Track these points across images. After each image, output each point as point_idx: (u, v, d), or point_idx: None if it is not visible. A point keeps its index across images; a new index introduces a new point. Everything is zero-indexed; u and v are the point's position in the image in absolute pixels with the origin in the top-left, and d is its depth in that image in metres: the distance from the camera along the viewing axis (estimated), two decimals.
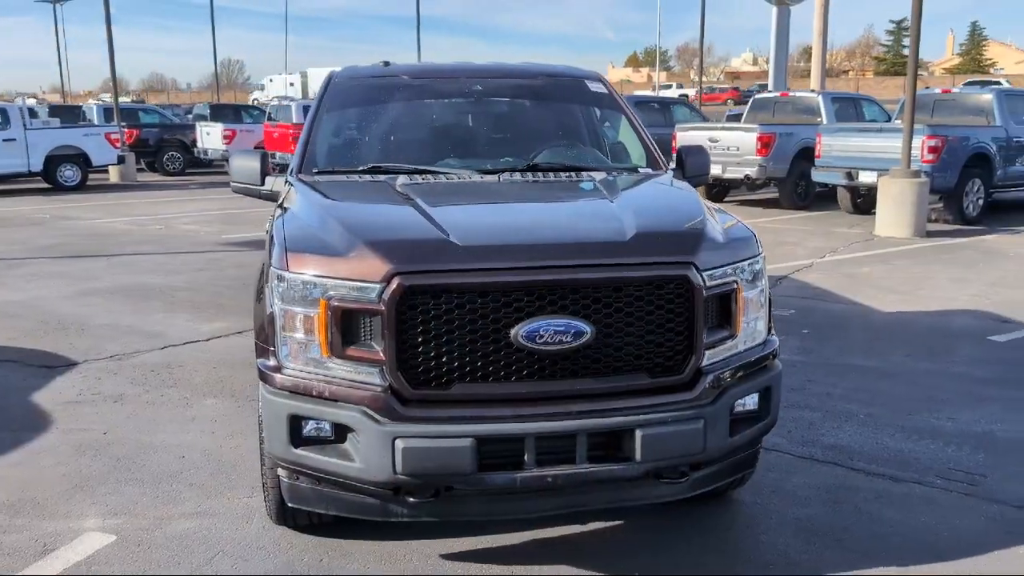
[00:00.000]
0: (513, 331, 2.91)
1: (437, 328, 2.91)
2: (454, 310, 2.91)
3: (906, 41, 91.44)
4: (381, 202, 3.66)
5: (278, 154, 20.71)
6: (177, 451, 4.51)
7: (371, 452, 2.92)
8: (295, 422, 3.05)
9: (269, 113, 22.58)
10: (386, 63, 4.80)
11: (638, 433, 2.97)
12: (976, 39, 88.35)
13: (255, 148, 20.96)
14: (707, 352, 3.12)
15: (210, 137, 22.07)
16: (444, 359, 2.93)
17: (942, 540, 3.55)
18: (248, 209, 15.66)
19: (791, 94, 17.10)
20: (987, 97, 13.82)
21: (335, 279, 2.97)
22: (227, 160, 21.53)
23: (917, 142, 11.95)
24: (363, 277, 2.93)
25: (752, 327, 3.32)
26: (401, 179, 3.92)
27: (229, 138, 21.38)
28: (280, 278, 3.09)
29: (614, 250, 3.04)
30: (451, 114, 4.74)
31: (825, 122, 14.93)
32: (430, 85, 4.74)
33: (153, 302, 8.05)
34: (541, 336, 2.91)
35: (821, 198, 15.22)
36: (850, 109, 15.85)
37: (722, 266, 3.16)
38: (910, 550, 3.47)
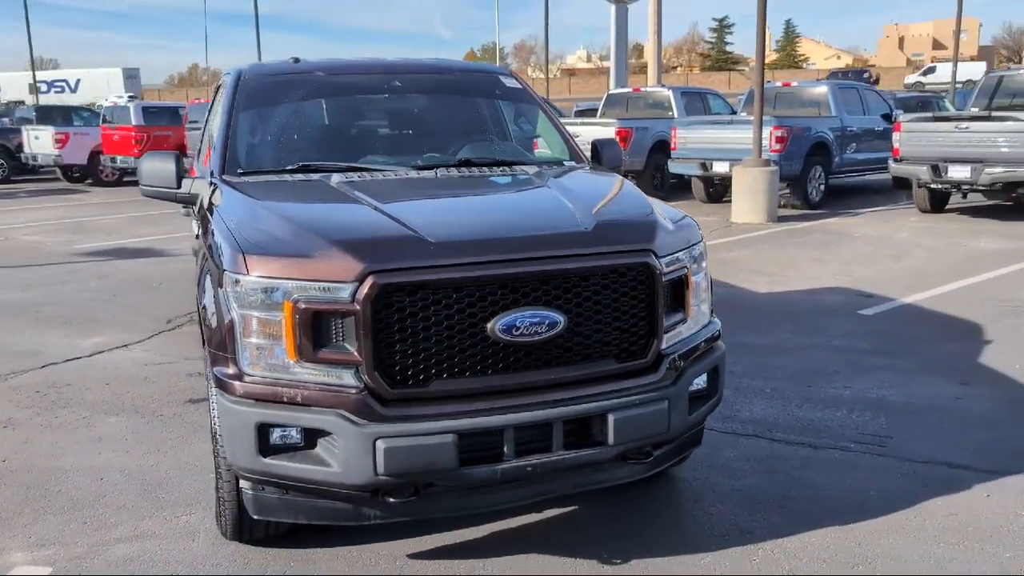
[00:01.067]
0: (490, 324, 2.93)
1: (414, 326, 2.89)
2: (430, 306, 2.90)
3: (728, 38, 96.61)
4: (329, 200, 3.58)
5: (119, 158, 19.64)
6: (92, 473, 4.25)
7: (350, 455, 2.86)
8: (263, 431, 2.95)
9: (104, 115, 21.34)
10: (296, 59, 4.68)
11: (610, 417, 3.06)
12: (790, 36, 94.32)
13: (94, 152, 19.83)
14: (665, 336, 3.24)
15: (39, 141, 20.60)
16: (422, 356, 2.91)
17: (871, 499, 3.83)
18: (94, 218, 14.85)
19: (643, 89, 17.73)
20: (823, 90, 14.81)
21: (301, 280, 2.90)
22: (59, 167, 20.34)
23: (765, 133, 12.66)
24: (333, 277, 2.87)
25: (699, 310, 3.47)
26: (335, 177, 3.84)
27: (62, 142, 20.04)
28: (237, 282, 2.98)
29: (580, 240, 3.11)
30: (372, 110, 4.68)
31: (676, 116, 15.58)
32: (348, 81, 4.65)
33: (16, 320, 7.49)
34: (517, 328, 2.94)
35: (676, 189, 15.87)
36: (698, 103, 16.59)
37: (675, 252, 3.29)
38: (846, 510, 3.72)
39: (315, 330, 2.89)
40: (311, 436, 2.96)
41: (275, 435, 2.97)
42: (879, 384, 5.34)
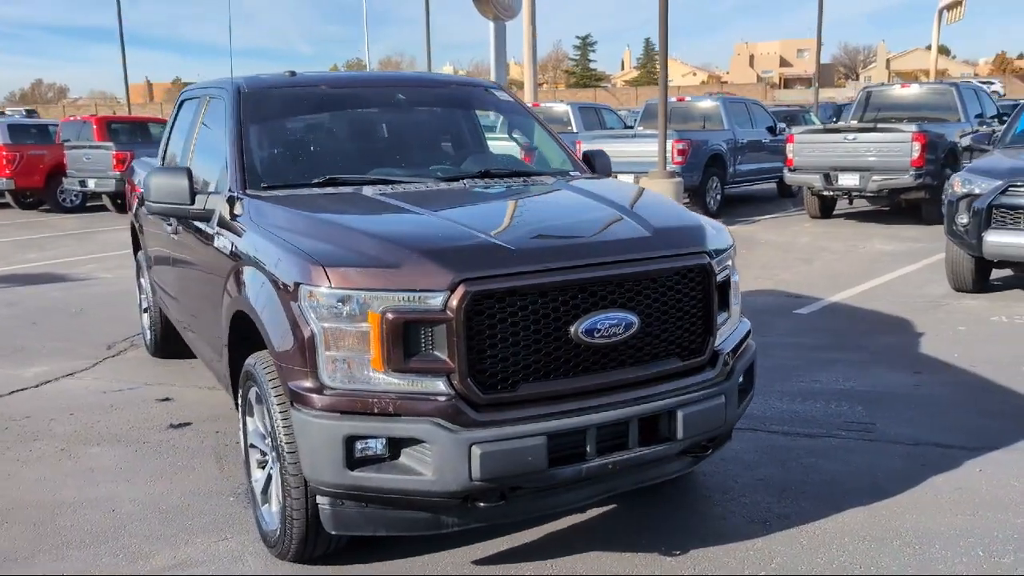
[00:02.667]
0: (572, 328, 3.02)
1: (503, 331, 2.95)
2: (518, 312, 2.96)
3: (592, 56, 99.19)
4: (385, 212, 3.57)
5: None
6: (100, 505, 4.05)
7: (445, 462, 2.88)
8: (350, 443, 2.93)
9: None
10: (292, 73, 4.62)
11: (679, 413, 3.20)
12: (650, 54, 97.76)
13: None
14: (717, 333, 3.41)
15: None
16: (510, 361, 2.97)
17: (880, 479, 4.11)
18: None
19: (542, 105, 18.06)
20: (715, 104, 15.53)
21: (390, 291, 2.91)
22: None
23: (668, 146, 13.17)
24: (425, 287, 2.89)
25: (737, 310, 3.67)
26: (368, 190, 3.84)
27: None
28: (316, 295, 2.96)
29: (646, 245, 3.24)
30: (380, 123, 4.66)
31: (575, 130, 15.97)
32: (353, 94, 4.63)
33: None
34: (598, 330, 3.04)
35: None
36: (593, 117, 17.07)
37: (721, 254, 3.47)
38: (863, 491, 3.97)
39: (404, 339, 2.90)
40: (395, 446, 2.97)
41: (361, 447, 2.95)
42: (842, 377, 5.69)
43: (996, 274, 8.44)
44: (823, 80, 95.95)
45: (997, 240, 7.40)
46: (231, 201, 3.88)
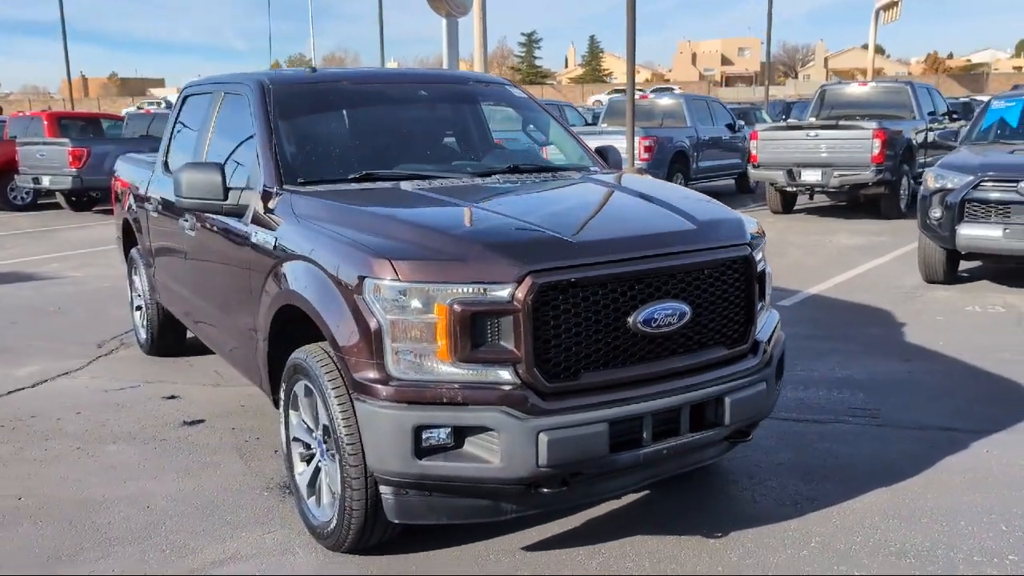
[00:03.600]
0: (631, 318, 3.12)
1: (566, 322, 3.03)
2: (580, 303, 3.05)
3: (537, 52, 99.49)
4: (437, 206, 3.62)
5: None
6: (133, 502, 4.03)
7: (513, 449, 2.96)
8: (418, 433, 2.99)
9: None
10: (312, 69, 4.63)
11: (727, 400, 3.32)
12: (594, 51, 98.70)
13: None
14: (757, 322, 3.54)
15: None
16: (573, 350, 3.06)
17: (895, 462, 4.29)
18: None
19: None
20: (678, 102, 15.78)
21: (457, 284, 2.97)
22: None
23: (635, 142, 13.37)
24: (493, 279, 2.96)
25: (768, 300, 3.81)
26: (406, 185, 3.90)
27: None
28: (383, 288, 3.01)
29: (695, 237, 3.36)
30: (406, 119, 4.69)
31: None
32: (377, 91, 4.65)
33: None
34: (655, 320, 3.15)
35: None
36: (555, 114, 17.16)
37: (758, 245, 3.61)
38: (882, 473, 4.15)
39: (471, 331, 2.97)
40: (460, 435, 3.03)
41: (428, 436, 3.01)
42: (837, 365, 5.90)
43: (963, 265, 8.77)
44: (763, 79, 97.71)
45: (970, 233, 7.71)
46: (267, 196, 3.89)
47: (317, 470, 3.59)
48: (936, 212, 7.91)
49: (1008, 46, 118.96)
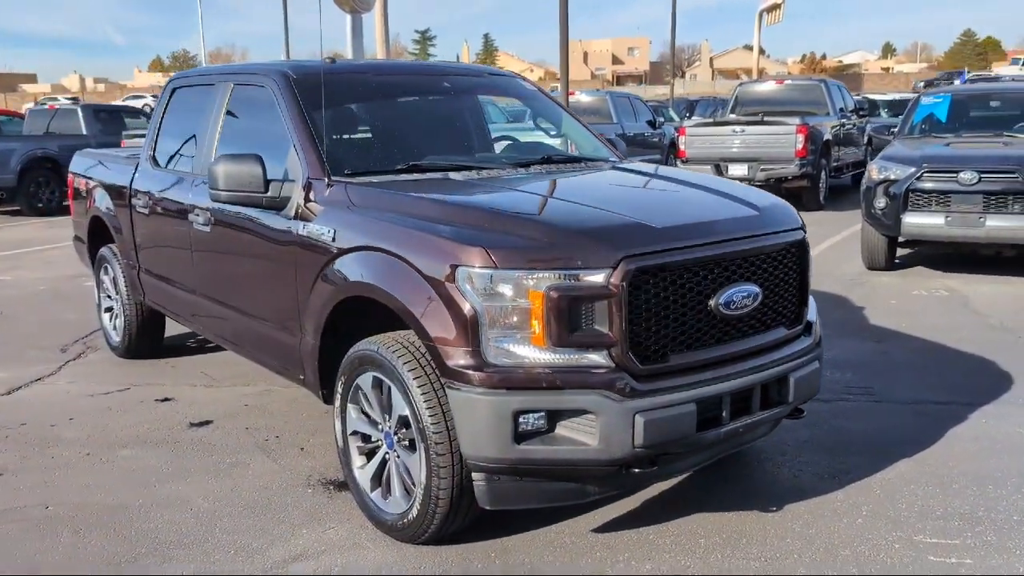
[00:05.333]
0: (712, 300, 3.23)
1: (656, 305, 3.12)
2: (668, 287, 3.14)
3: (432, 50, 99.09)
4: (505, 194, 3.63)
5: None
6: (173, 506, 3.90)
7: (611, 431, 3.03)
8: (517, 418, 3.03)
9: None
10: (331, 59, 4.56)
11: (791, 378, 3.48)
12: (489, 49, 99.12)
13: None
14: (809, 303, 3.72)
15: None
16: (662, 333, 3.15)
17: (906, 435, 4.54)
18: None
19: None
20: (603, 99, 16.07)
21: (552, 270, 3.01)
22: None
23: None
24: (590, 264, 3.02)
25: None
26: (455, 175, 3.91)
27: None
28: (478, 276, 3.04)
29: (760, 223, 3.50)
30: (434, 111, 4.67)
31: None
32: (403, 82, 4.62)
33: None
34: (733, 302, 3.27)
35: None
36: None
37: (806, 230, 3.77)
38: (902, 445, 4.38)
39: (567, 316, 3.01)
40: (554, 419, 3.08)
41: (525, 421, 3.05)
42: None
43: (898, 252, 9.28)
44: (652, 78, 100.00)
45: (914, 221, 8.17)
46: (312, 188, 3.83)
47: (383, 463, 3.56)
48: (881, 202, 8.34)
49: (875, 47, 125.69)
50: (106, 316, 6.44)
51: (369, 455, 3.65)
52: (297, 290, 3.88)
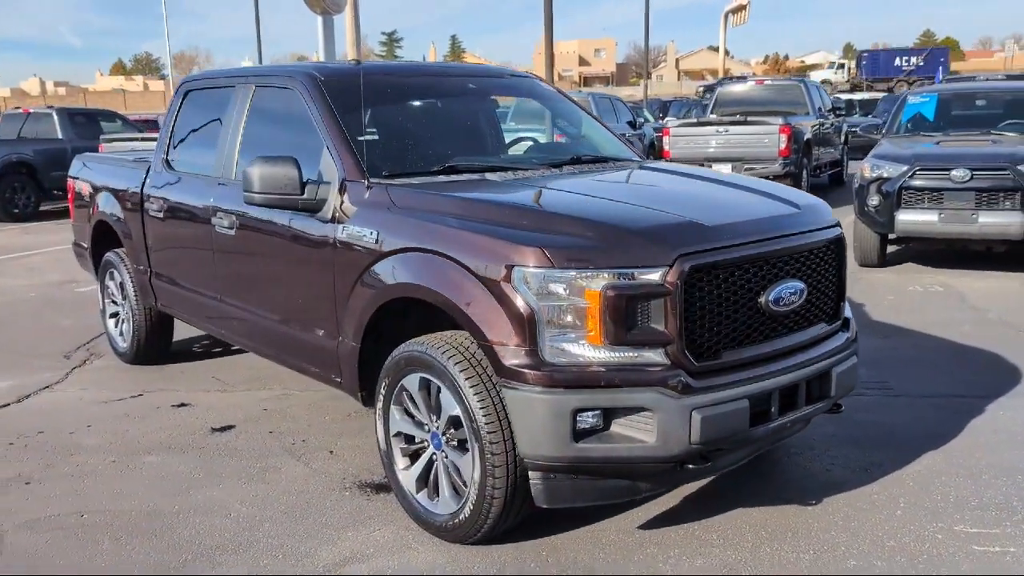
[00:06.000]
0: (762, 297, 3.27)
1: (710, 303, 3.16)
2: (720, 284, 3.18)
3: (399, 51, 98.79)
4: (554, 195, 3.65)
5: None
6: (211, 511, 3.87)
7: (669, 428, 3.05)
8: (576, 416, 3.05)
9: None
10: (357, 61, 4.55)
11: (833, 373, 3.53)
12: (456, 51, 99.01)
13: None
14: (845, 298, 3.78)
15: None
16: (715, 330, 3.18)
17: (928, 427, 4.63)
18: None
19: None
20: (586, 100, 16.10)
21: (609, 268, 3.04)
22: None
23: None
24: (646, 263, 3.05)
25: None
26: (492, 176, 3.92)
27: None
28: (535, 276, 3.06)
29: (802, 220, 3.55)
30: (461, 112, 4.67)
31: None
32: (429, 84, 4.61)
33: None
34: (781, 299, 3.32)
35: None
36: None
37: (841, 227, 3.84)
38: (925, 438, 4.46)
39: (623, 314, 3.04)
40: (608, 417, 3.10)
41: (582, 419, 3.07)
42: None
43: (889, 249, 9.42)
44: (619, 79, 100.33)
45: (907, 219, 8.31)
46: (350, 190, 3.82)
47: (429, 464, 3.56)
48: (874, 200, 8.47)
49: (836, 48, 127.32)
50: (111, 322, 6.36)
51: (413, 456, 3.65)
52: (335, 292, 3.87)
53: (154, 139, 15.10)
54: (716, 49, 68.11)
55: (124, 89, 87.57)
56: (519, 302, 3.07)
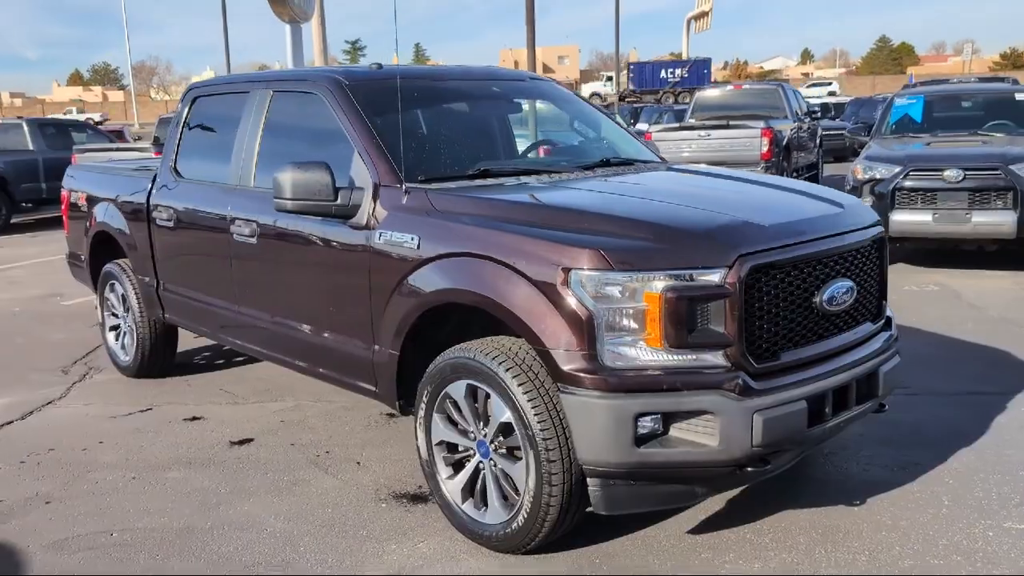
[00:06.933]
0: (816, 297, 3.25)
1: (769, 303, 3.13)
2: (778, 284, 3.15)
3: (362, 60, 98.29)
4: (601, 195, 3.61)
5: None
6: (246, 527, 3.77)
7: (731, 431, 3.02)
8: (637, 421, 3.00)
9: None
10: (379, 65, 4.47)
11: (880, 372, 3.52)
12: (420, 59, 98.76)
13: None
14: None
15: None
16: (773, 331, 3.16)
17: (954, 424, 4.64)
18: None
19: None
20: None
21: (669, 270, 3.00)
22: None
23: None
24: (707, 264, 3.02)
25: None
26: (527, 179, 3.88)
27: None
28: (592, 279, 3.01)
29: (849, 219, 3.53)
30: (487, 115, 4.61)
31: None
32: (453, 88, 4.54)
33: None
34: (835, 298, 3.30)
35: None
36: None
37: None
38: (951, 435, 4.48)
39: (684, 317, 3.00)
40: (668, 420, 3.06)
41: (643, 424, 3.02)
42: None
43: None
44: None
45: (902, 219, 8.38)
46: (384, 195, 3.74)
47: (475, 472, 3.50)
48: (867, 201, 8.53)
49: (794, 54, 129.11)
50: (111, 336, 6.20)
51: (457, 466, 3.58)
52: (370, 299, 3.79)
53: (130, 149, 15.03)
54: (679, 55, 68.74)
55: (83, 99, 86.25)
56: (577, 306, 3.02)
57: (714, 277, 3.01)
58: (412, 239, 3.57)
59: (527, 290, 3.14)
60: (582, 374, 3.02)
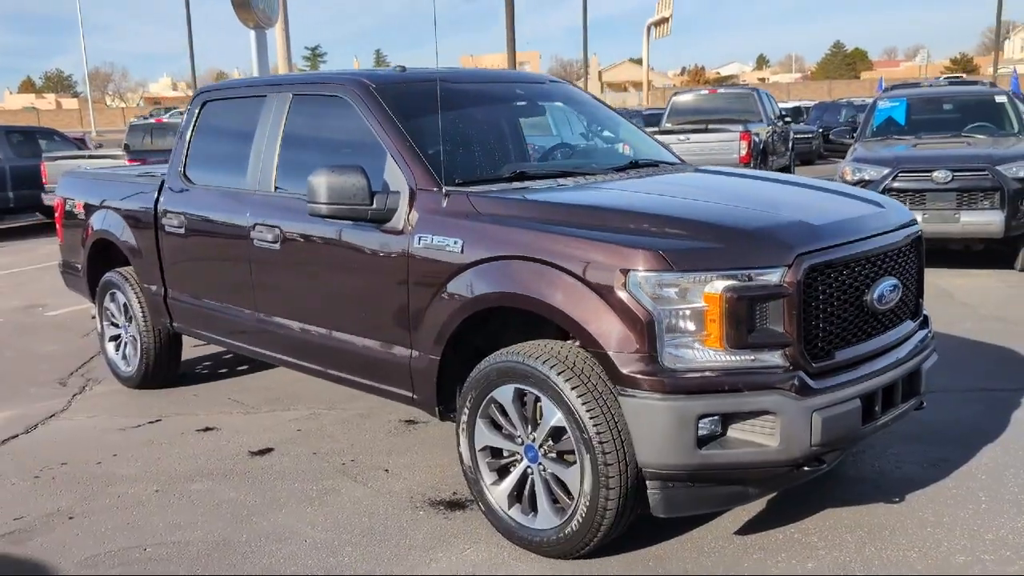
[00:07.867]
0: (867, 296, 3.27)
1: (825, 302, 3.14)
2: (833, 283, 3.17)
3: (321, 66, 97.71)
4: (647, 196, 3.60)
5: None
6: (284, 537, 3.69)
7: (792, 431, 3.02)
8: (698, 422, 2.99)
9: None
10: (402, 68, 4.42)
11: (923, 369, 3.55)
12: (381, 65, 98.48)
13: None
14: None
15: None
16: (829, 330, 3.17)
17: (974, 421, 4.70)
18: None
19: None
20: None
21: (728, 270, 2.99)
22: None
23: None
24: (767, 264, 3.02)
25: None
26: (564, 182, 3.86)
27: None
28: (651, 280, 3.00)
29: (891, 219, 3.56)
30: (515, 118, 4.58)
31: None
32: (478, 90, 4.50)
33: None
34: (884, 296, 3.32)
35: None
36: None
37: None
38: (974, 432, 4.53)
39: (743, 317, 2.99)
40: (727, 421, 3.06)
41: (703, 425, 3.02)
42: None
43: None
44: None
45: None
46: (421, 199, 3.70)
47: (522, 477, 3.46)
48: None
49: (750, 59, 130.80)
50: (111, 346, 6.06)
51: (501, 471, 3.54)
52: (408, 304, 3.73)
53: (102, 156, 14.75)
54: (638, 61, 69.19)
55: (36, 107, 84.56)
56: (635, 307, 3.00)
57: (773, 277, 3.01)
58: (455, 243, 3.53)
59: (583, 293, 3.12)
60: (642, 376, 3.00)
